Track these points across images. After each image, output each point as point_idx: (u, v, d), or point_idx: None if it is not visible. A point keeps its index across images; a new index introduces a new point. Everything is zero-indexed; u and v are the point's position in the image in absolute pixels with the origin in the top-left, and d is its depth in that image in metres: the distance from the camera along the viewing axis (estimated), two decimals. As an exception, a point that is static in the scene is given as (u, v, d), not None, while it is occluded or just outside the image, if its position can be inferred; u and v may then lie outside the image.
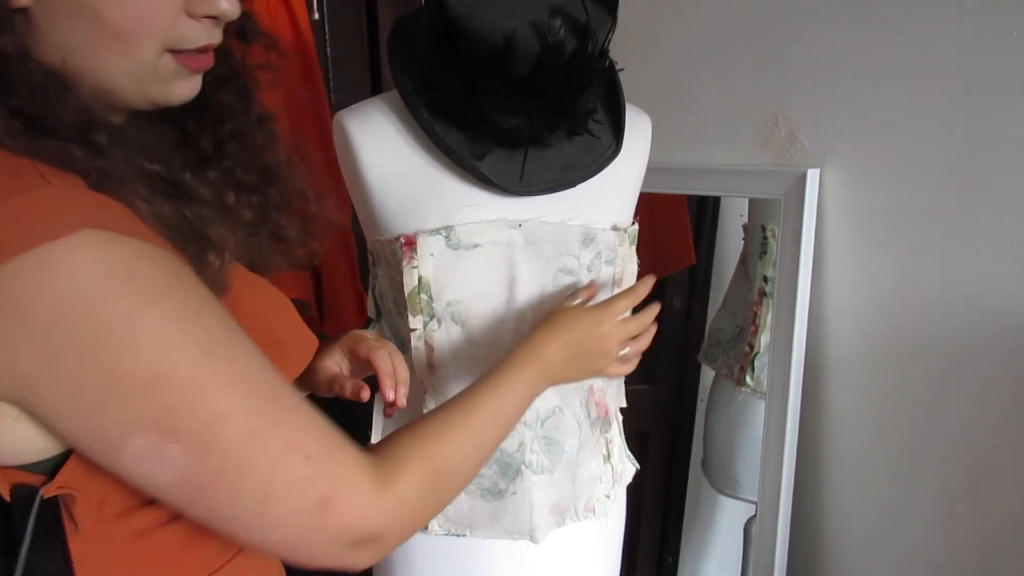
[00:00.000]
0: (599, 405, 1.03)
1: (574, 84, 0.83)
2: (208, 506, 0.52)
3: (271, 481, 0.51)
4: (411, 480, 0.58)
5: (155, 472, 0.50)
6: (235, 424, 0.51)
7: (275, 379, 0.54)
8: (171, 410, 0.49)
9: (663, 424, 1.83)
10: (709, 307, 1.70)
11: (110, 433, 0.49)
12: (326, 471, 0.53)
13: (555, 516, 0.99)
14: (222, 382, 0.51)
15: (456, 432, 0.65)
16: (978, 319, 1.01)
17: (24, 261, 0.45)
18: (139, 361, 0.48)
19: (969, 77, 0.98)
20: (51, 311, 0.46)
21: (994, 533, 1.02)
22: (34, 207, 0.47)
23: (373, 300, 1.01)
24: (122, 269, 0.48)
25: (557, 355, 0.80)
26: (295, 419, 0.54)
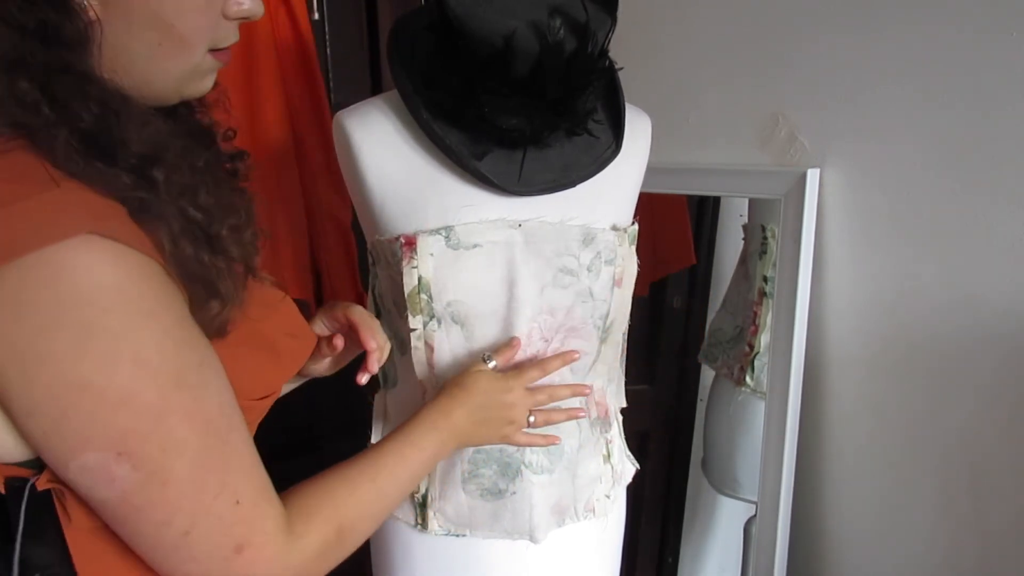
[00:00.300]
0: (599, 405, 1.03)
1: (574, 84, 0.83)
2: (135, 529, 0.54)
3: (199, 518, 0.54)
4: (315, 537, 0.61)
5: (96, 487, 0.51)
6: (184, 457, 0.52)
7: (232, 420, 0.57)
8: (130, 433, 0.50)
9: (663, 424, 1.83)
10: (709, 307, 1.70)
11: (66, 442, 0.50)
12: (249, 518, 0.56)
13: (555, 516, 0.99)
14: (182, 413, 0.52)
15: (363, 491, 0.68)
16: (978, 319, 1.01)
17: (26, 262, 0.46)
18: (114, 379, 0.49)
19: (969, 77, 0.98)
20: (44, 315, 0.47)
21: (995, 533, 1.02)
22: (40, 209, 0.48)
23: (373, 300, 1.01)
24: (118, 283, 0.49)
25: (464, 419, 0.82)
26: (238, 463, 0.56)
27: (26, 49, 0.50)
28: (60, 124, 0.51)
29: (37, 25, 0.50)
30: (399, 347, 0.98)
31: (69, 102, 0.51)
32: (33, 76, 0.50)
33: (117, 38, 0.54)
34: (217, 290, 0.58)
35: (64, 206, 0.49)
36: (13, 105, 0.50)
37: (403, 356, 0.97)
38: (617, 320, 1.00)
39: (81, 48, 0.52)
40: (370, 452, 0.73)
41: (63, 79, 0.51)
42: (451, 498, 0.97)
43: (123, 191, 0.52)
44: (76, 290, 0.48)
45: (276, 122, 1.37)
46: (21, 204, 0.47)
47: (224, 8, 0.59)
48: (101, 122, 0.52)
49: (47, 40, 0.51)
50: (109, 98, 0.53)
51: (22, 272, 0.46)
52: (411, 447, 0.76)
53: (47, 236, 0.47)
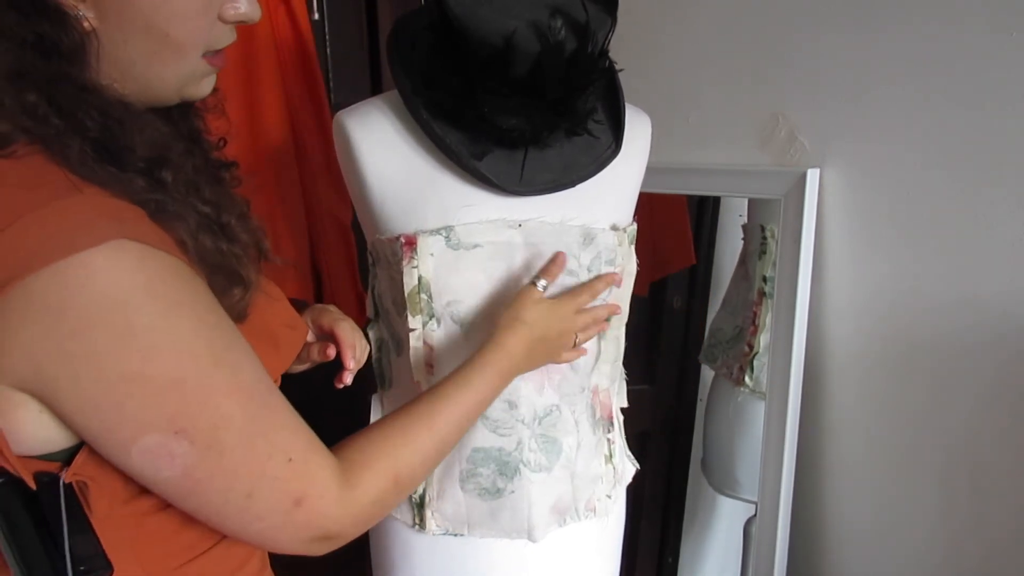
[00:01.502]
0: (603, 405, 1.04)
1: (574, 84, 0.83)
2: (201, 500, 0.57)
3: (258, 480, 0.57)
4: (371, 486, 0.63)
5: (160, 468, 0.55)
6: (234, 428, 0.56)
7: (268, 386, 0.60)
8: (182, 412, 0.54)
9: (663, 424, 1.83)
10: (709, 307, 1.70)
11: (124, 430, 0.53)
12: (302, 473, 0.59)
13: (555, 515, 0.99)
14: (225, 389, 0.56)
15: (419, 436, 0.70)
16: (978, 319, 1.01)
17: (60, 267, 0.48)
18: (158, 367, 0.52)
19: (969, 77, 0.98)
20: (81, 316, 0.49)
21: (995, 533, 1.02)
22: (69, 215, 0.50)
23: (372, 300, 1.01)
24: (148, 281, 0.52)
25: (524, 352, 0.84)
26: (282, 424, 0.60)
27: (27, 61, 0.52)
28: (72, 133, 0.52)
29: (35, 38, 0.52)
30: (396, 347, 0.98)
31: (75, 112, 0.53)
32: (38, 87, 0.52)
33: (114, 47, 0.56)
34: (239, 276, 0.62)
35: (92, 212, 0.51)
36: (24, 117, 0.52)
37: (400, 357, 0.97)
38: (617, 319, 1.00)
39: (78, 59, 0.54)
40: (428, 397, 0.74)
41: (65, 90, 0.53)
42: (449, 497, 0.97)
43: (139, 194, 0.54)
44: (111, 291, 0.50)
45: (276, 122, 1.37)
46: (49, 210, 0.49)
47: (221, 11, 0.61)
48: (106, 130, 0.54)
49: (46, 52, 0.52)
50: (109, 107, 0.55)
51: (57, 277, 0.48)
52: (469, 390, 0.77)
53: (80, 242, 0.49)
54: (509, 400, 0.93)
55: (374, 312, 1.01)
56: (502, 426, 0.94)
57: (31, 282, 0.48)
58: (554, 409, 0.96)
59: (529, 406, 0.94)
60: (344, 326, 0.88)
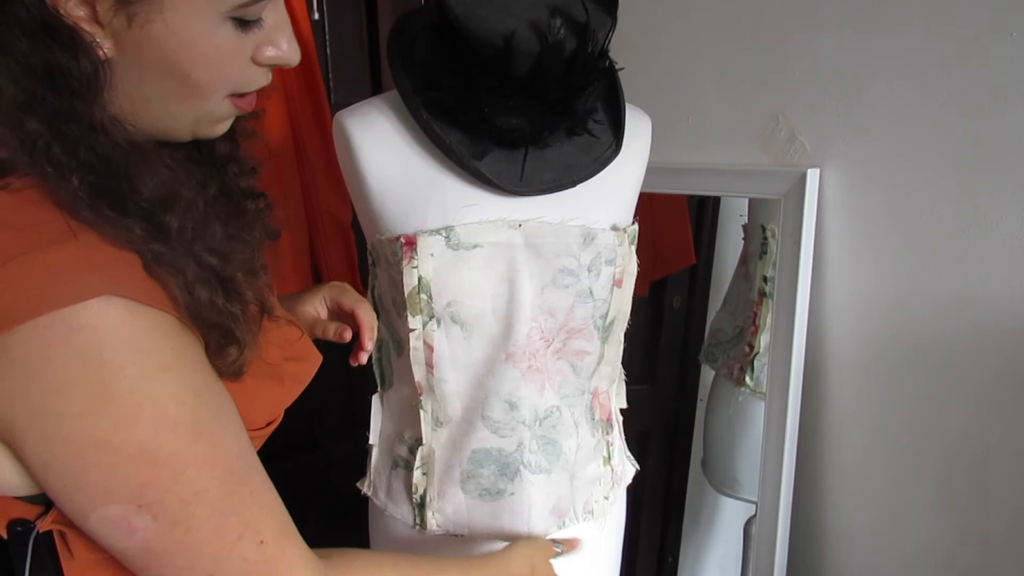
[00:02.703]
0: (603, 407, 1.03)
1: (574, 84, 0.83)
2: (159, 573, 0.54)
3: (222, 562, 0.54)
4: None
5: (118, 538, 0.52)
6: (207, 503, 0.52)
7: (249, 461, 0.57)
8: (149, 486, 0.50)
9: (663, 424, 1.83)
10: (709, 307, 1.70)
11: (86, 495, 0.50)
12: (273, 556, 0.56)
13: (554, 517, 0.99)
14: (202, 462, 0.52)
15: None
16: (978, 319, 1.01)
17: (42, 323, 0.46)
18: (132, 435, 0.49)
19: (969, 77, 0.98)
20: (60, 374, 0.47)
21: (995, 533, 1.02)
22: (56, 265, 0.47)
23: (372, 300, 1.01)
24: (134, 341, 0.49)
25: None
26: (259, 504, 0.56)
27: (35, 91, 0.49)
28: (70, 172, 0.49)
29: (45, 67, 0.49)
30: (396, 347, 0.98)
31: (77, 150, 0.50)
32: (42, 119, 0.49)
33: (129, 81, 0.53)
34: (235, 336, 0.57)
35: (81, 263, 0.48)
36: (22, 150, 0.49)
37: (400, 357, 0.97)
38: (618, 320, 1.00)
39: (89, 92, 0.51)
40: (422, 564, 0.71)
41: (70, 127, 0.50)
42: (450, 498, 0.97)
43: (136, 243, 0.51)
44: (92, 350, 0.47)
45: (276, 122, 1.37)
46: (35, 257, 0.47)
47: (255, 54, 0.57)
48: (108, 172, 0.51)
49: (55, 83, 0.49)
50: (114, 149, 0.52)
51: (38, 331, 0.46)
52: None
53: (65, 297, 0.46)
54: (510, 401, 0.93)
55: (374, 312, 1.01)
56: (503, 427, 0.94)
57: (9, 336, 0.45)
58: (555, 411, 0.96)
59: (530, 407, 0.94)
60: (365, 307, 0.87)
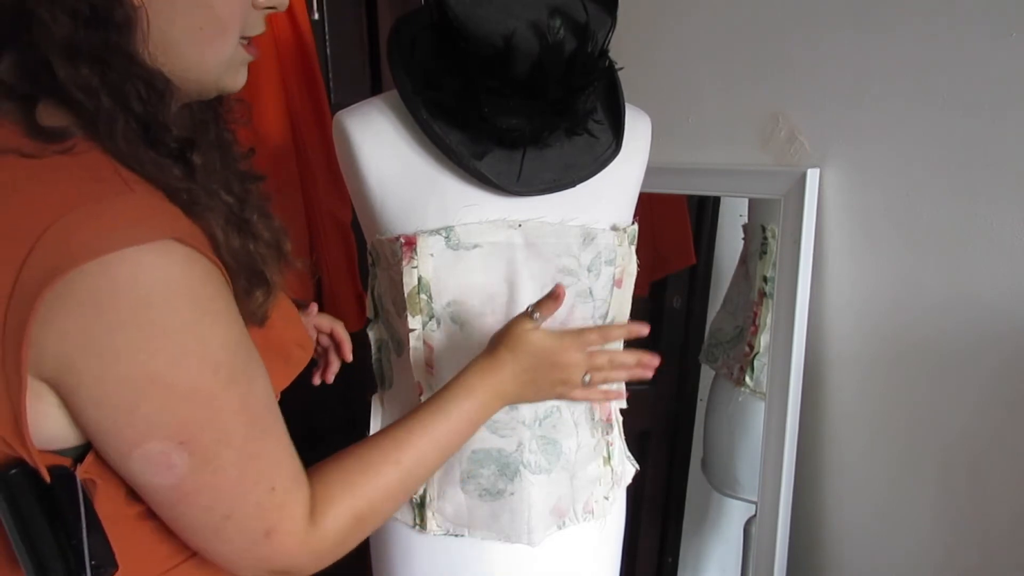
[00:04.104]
0: (603, 408, 1.03)
1: (574, 84, 0.83)
2: (180, 511, 0.57)
3: (238, 504, 0.57)
4: (334, 525, 0.62)
5: (155, 473, 0.55)
6: (233, 447, 0.56)
7: (273, 412, 0.60)
8: (191, 423, 0.54)
9: (663, 424, 1.83)
10: (709, 307, 1.70)
11: (133, 431, 0.53)
12: (280, 505, 0.59)
13: (554, 517, 0.99)
14: (235, 407, 0.56)
15: (385, 474, 0.67)
16: (978, 319, 1.01)
17: (108, 261, 0.49)
18: (182, 373, 0.53)
19: (969, 77, 0.98)
20: (121, 312, 0.50)
21: (995, 533, 1.02)
22: (121, 211, 0.51)
23: (372, 300, 1.01)
24: (190, 284, 0.53)
25: (510, 381, 0.77)
26: (277, 452, 0.60)
27: (81, 34, 0.52)
28: (118, 110, 0.53)
29: (90, 10, 0.52)
30: (396, 347, 0.98)
31: (122, 86, 0.53)
32: (90, 61, 0.52)
33: (160, 24, 0.56)
34: (264, 278, 0.62)
35: (145, 211, 0.52)
36: (77, 92, 0.52)
37: (400, 357, 0.97)
38: (618, 320, 1.00)
39: (128, 32, 0.54)
40: (396, 428, 0.71)
41: (115, 62, 0.53)
42: (450, 498, 0.97)
43: (174, 182, 0.55)
44: (153, 290, 0.51)
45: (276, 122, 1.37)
46: (102, 205, 0.50)
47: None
48: (148, 104, 0.54)
49: (98, 25, 0.53)
50: (154, 78, 0.55)
51: (104, 270, 0.49)
52: (442, 418, 0.72)
53: (131, 238, 0.49)
54: (509, 400, 0.93)
55: (374, 312, 1.01)
56: (503, 427, 0.94)
57: (77, 274, 0.48)
58: (554, 411, 0.96)
59: (530, 407, 0.94)
60: (341, 325, 0.97)
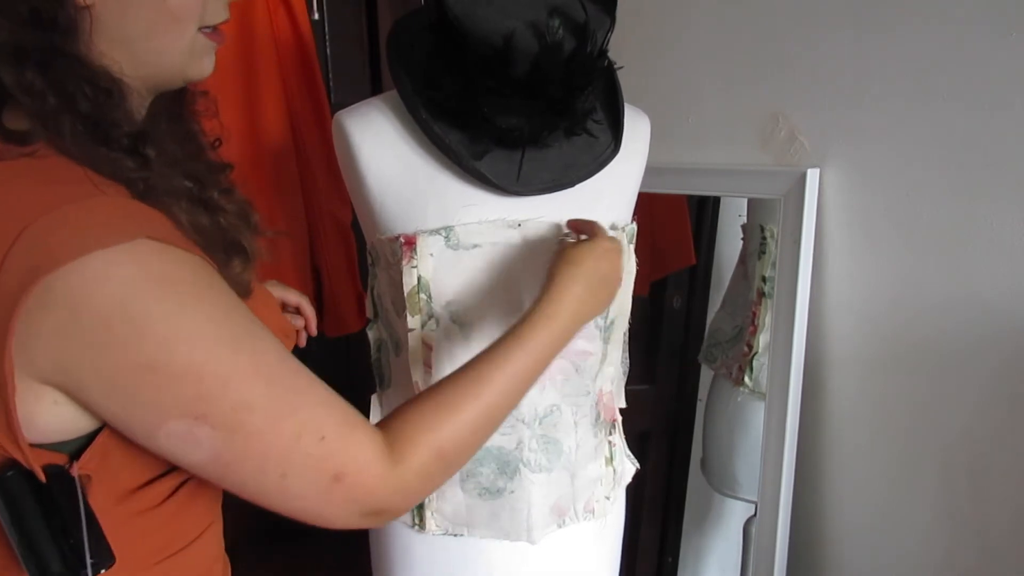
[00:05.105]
0: (607, 408, 1.03)
1: (573, 84, 0.83)
2: (237, 480, 0.58)
3: (289, 460, 0.57)
4: (415, 460, 0.62)
5: (189, 452, 0.56)
6: (257, 411, 0.56)
7: (293, 367, 0.60)
8: (201, 397, 0.55)
9: (663, 424, 1.83)
10: (709, 307, 1.70)
11: (148, 417, 0.55)
12: (338, 450, 0.59)
13: (554, 516, 0.99)
14: (245, 374, 0.56)
15: (464, 407, 0.65)
16: (978, 319, 1.01)
17: (83, 262, 0.50)
18: (175, 354, 0.54)
19: (969, 77, 0.98)
20: (102, 308, 0.51)
21: (995, 533, 1.02)
22: (93, 213, 0.52)
23: (372, 300, 1.01)
24: (167, 275, 0.54)
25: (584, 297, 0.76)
26: (310, 403, 0.59)
27: (24, 37, 0.54)
28: (64, 111, 0.54)
29: (31, 13, 0.54)
30: (395, 347, 0.98)
31: (67, 86, 0.55)
32: (35, 64, 0.54)
33: (112, 22, 0.57)
34: (239, 246, 0.64)
35: (116, 212, 0.54)
36: (23, 95, 0.54)
37: (398, 357, 0.97)
38: (618, 319, 1.00)
39: (73, 33, 0.55)
40: (476, 364, 0.69)
41: (59, 63, 0.55)
42: (449, 497, 0.97)
43: (129, 174, 0.56)
44: (129, 283, 0.52)
45: (276, 122, 1.37)
46: (74, 207, 0.52)
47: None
48: (95, 103, 0.56)
49: (41, 28, 0.54)
50: (98, 77, 0.56)
51: (79, 271, 0.50)
52: (520, 352, 0.70)
53: (104, 239, 0.51)
54: (509, 400, 0.93)
55: (373, 312, 1.02)
56: (502, 425, 0.94)
57: (55, 278, 0.49)
58: (555, 409, 0.96)
59: (530, 405, 0.94)
60: (306, 300, 0.99)
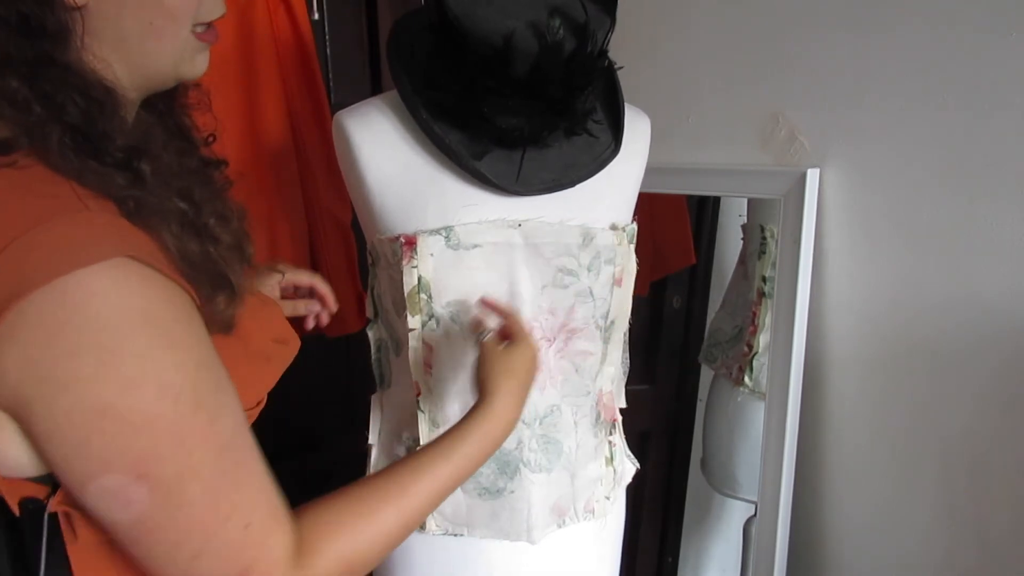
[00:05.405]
0: (607, 408, 1.03)
1: (573, 84, 0.83)
2: (147, 549, 0.53)
3: (209, 541, 0.53)
4: (322, 568, 0.58)
5: (114, 509, 0.51)
6: (200, 480, 0.52)
7: (245, 440, 0.56)
8: (149, 455, 0.50)
9: (663, 424, 1.83)
10: (709, 307, 1.70)
11: (86, 464, 0.49)
12: (257, 543, 0.55)
13: (554, 516, 0.99)
14: (201, 436, 0.52)
15: (383, 518, 0.62)
16: (978, 319, 1.01)
17: (59, 285, 0.46)
18: (136, 402, 0.49)
19: (969, 77, 0.98)
20: (72, 339, 0.47)
21: (995, 533, 1.02)
22: (74, 231, 0.48)
23: (372, 300, 1.01)
24: (146, 307, 0.50)
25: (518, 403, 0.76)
26: (252, 486, 0.56)
27: (10, 44, 0.50)
28: (51, 121, 0.51)
29: (19, 19, 0.51)
30: (395, 347, 0.98)
31: (55, 96, 0.51)
32: (20, 73, 0.51)
33: (106, 22, 0.55)
34: (226, 281, 0.58)
35: (97, 229, 0.49)
36: (5, 105, 0.50)
37: (399, 357, 0.97)
38: (619, 319, 1.00)
39: (63, 40, 0.52)
40: (402, 470, 0.66)
41: (47, 72, 0.51)
42: (450, 498, 0.97)
43: (119, 191, 0.52)
44: (105, 313, 0.47)
45: (276, 122, 1.37)
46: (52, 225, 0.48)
47: None
48: (86, 114, 0.52)
49: (29, 34, 0.51)
50: (90, 87, 0.53)
51: (55, 295, 0.46)
52: (448, 465, 0.68)
53: (83, 259, 0.47)
54: (509, 400, 0.93)
55: (374, 312, 1.01)
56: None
57: (28, 303, 0.46)
58: (555, 409, 0.96)
59: (530, 405, 0.94)
60: (319, 278, 0.98)
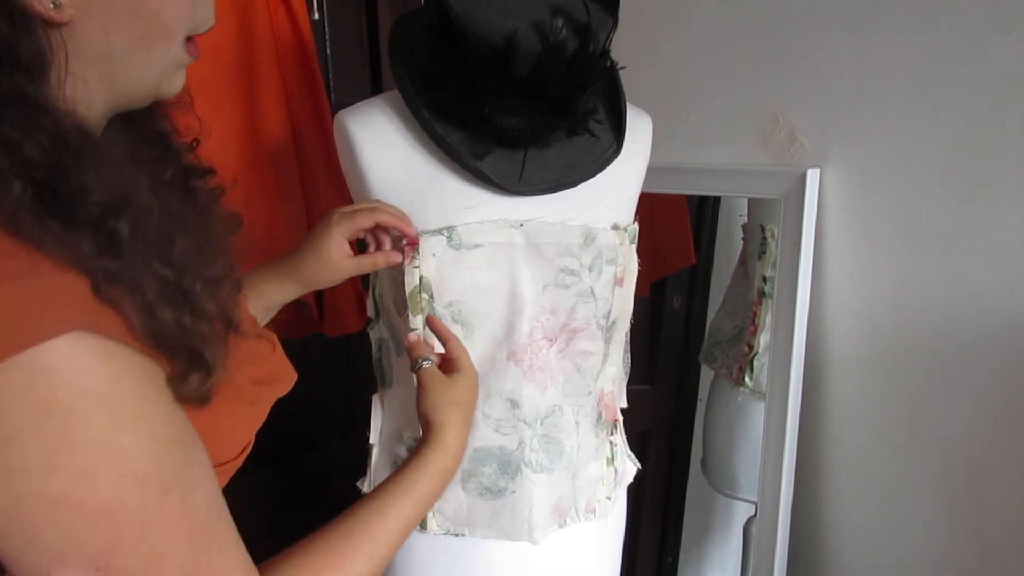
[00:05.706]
0: (608, 408, 1.04)
1: (575, 84, 0.83)
2: None
3: None
4: None
5: None
6: (171, 565, 0.48)
7: (217, 513, 0.53)
8: (111, 547, 0.45)
9: (663, 424, 1.83)
10: (709, 307, 1.70)
11: (39, 559, 0.45)
12: None
13: (555, 516, 0.99)
14: (170, 519, 0.48)
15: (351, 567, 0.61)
16: (978, 319, 1.01)
17: (4, 367, 0.41)
18: (93, 491, 0.44)
19: (969, 77, 0.98)
20: (17, 424, 0.42)
21: (995, 533, 1.02)
22: (20, 302, 0.42)
23: (372, 300, 1.01)
24: (103, 387, 0.44)
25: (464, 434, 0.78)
26: (224, 562, 0.52)
27: None
28: (12, 174, 0.43)
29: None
30: (396, 347, 0.98)
31: (21, 144, 0.44)
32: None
33: (92, 41, 0.50)
34: (202, 360, 0.51)
35: (47, 299, 0.42)
36: None
37: (400, 357, 0.97)
38: (620, 319, 1.00)
39: (40, 71, 0.46)
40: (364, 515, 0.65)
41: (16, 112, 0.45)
42: (451, 497, 0.97)
43: (85, 262, 0.44)
44: (56, 397, 0.42)
45: (276, 122, 1.37)
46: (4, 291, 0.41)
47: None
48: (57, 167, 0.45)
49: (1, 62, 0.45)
50: (65, 133, 0.46)
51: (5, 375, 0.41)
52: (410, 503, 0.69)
53: (29, 337, 0.41)
54: (511, 399, 0.93)
55: (375, 312, 1.01)
56: (504, 425, 0.94)
57: None
58: (556, 409, 0.96)
59: (532, 405, 0.94)
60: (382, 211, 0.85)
